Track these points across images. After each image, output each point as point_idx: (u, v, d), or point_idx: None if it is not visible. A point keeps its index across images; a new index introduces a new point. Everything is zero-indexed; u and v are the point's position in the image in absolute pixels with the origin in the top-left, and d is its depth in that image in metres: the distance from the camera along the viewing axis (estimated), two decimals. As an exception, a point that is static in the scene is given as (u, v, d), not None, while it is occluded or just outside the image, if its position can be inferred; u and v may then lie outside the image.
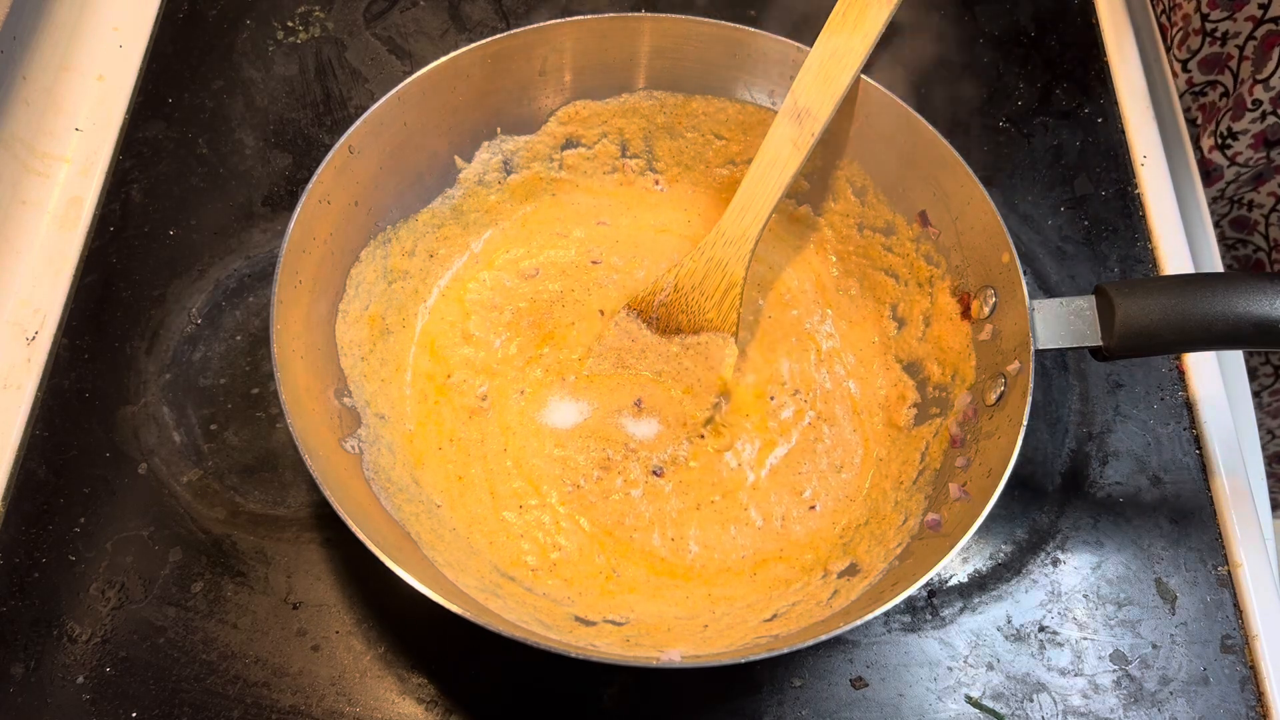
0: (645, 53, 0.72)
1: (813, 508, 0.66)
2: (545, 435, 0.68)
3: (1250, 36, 0.79)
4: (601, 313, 0.72)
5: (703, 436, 0.68)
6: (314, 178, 0.61)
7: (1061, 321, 0.60)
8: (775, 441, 0.68)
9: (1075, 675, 0.63)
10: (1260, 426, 1.00)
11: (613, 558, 0.64)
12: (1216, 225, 0.90)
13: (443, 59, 0.67)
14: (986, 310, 0.64)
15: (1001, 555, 0.67)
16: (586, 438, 0.68)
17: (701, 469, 0.67)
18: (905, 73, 0.86)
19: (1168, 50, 0.86)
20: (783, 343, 0.72)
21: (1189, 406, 0.73)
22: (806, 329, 0.73)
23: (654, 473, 0.66)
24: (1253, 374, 0.99)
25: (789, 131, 0.68)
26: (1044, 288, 0.78)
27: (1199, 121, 0.86)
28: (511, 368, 0.70)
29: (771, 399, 0.70)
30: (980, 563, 0.67)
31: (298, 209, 0.60)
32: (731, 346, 0.69)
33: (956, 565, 0.67)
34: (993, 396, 0.62)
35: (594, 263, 0.75)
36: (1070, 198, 0.82)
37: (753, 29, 0.70)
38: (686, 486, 0.66)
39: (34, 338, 0.70)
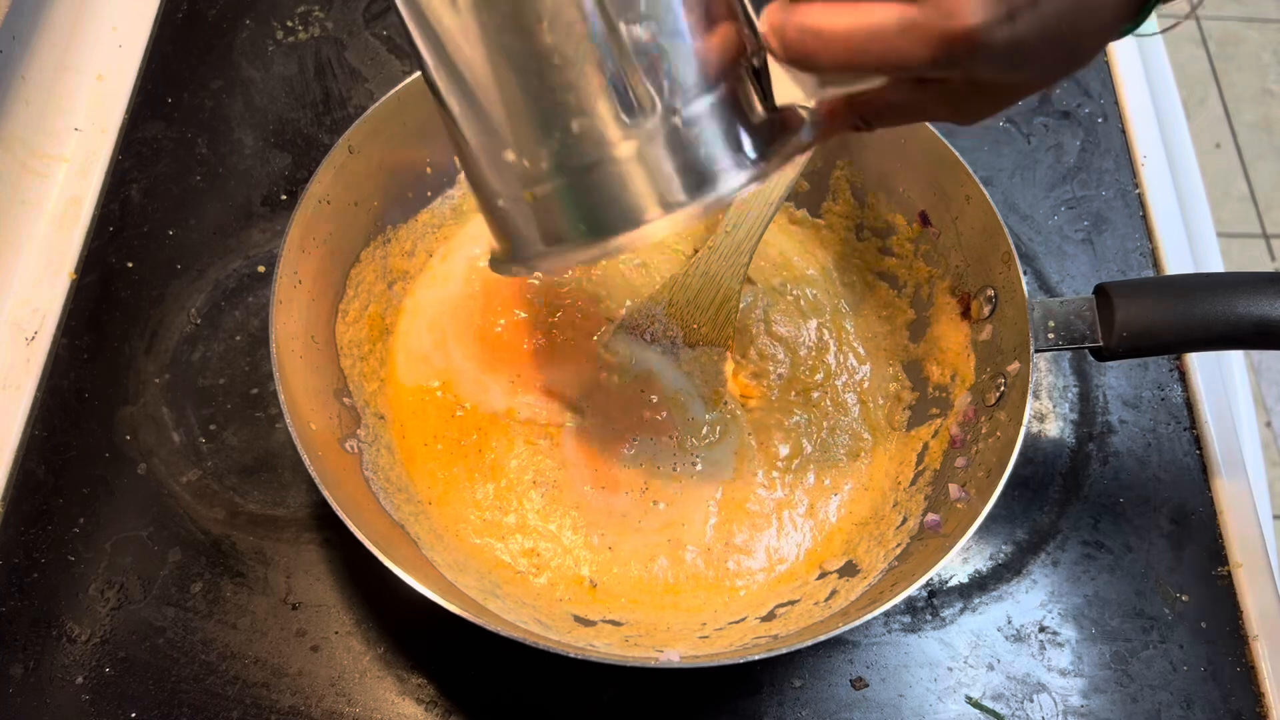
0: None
1: (835, 495, 0.66)
2: (525, 431, 0.67)
3: None
4: (608, 320, 0.71)
5: (706, 433, 0.67)
6: (314, 178, 0.61)
7: (1061, 321, 0.60)
8: (784, 437, 0.68)
9: (1075, 676, 0.63)
10: None
11: (592, 570, 0.63)
12: None
13: (442, 59, 0.67)
14: (986, 310, 0.64)
15: (1001, 555, 0.67)
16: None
17: (699, 473, 0.67)
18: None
19: None
20: (789, 334, 0.72)
21: (1189, 406, 0.73)
22: (817, 325, 0.72)
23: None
24: None
25: None
26: (1044, 288, 0.78)
27: None
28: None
29: (777, 392, 0.70)
30: (980, 563, 0.67)
31: (297, 209, 0.60)
32: (728, 361, 0.69)
33: (956, 565, 0.66)
34: (993, 397, 0.62)
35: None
36: (1070, 198, 0.81)
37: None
38: (684, 491, 0.66)
39: (33, 338, 0.70)
